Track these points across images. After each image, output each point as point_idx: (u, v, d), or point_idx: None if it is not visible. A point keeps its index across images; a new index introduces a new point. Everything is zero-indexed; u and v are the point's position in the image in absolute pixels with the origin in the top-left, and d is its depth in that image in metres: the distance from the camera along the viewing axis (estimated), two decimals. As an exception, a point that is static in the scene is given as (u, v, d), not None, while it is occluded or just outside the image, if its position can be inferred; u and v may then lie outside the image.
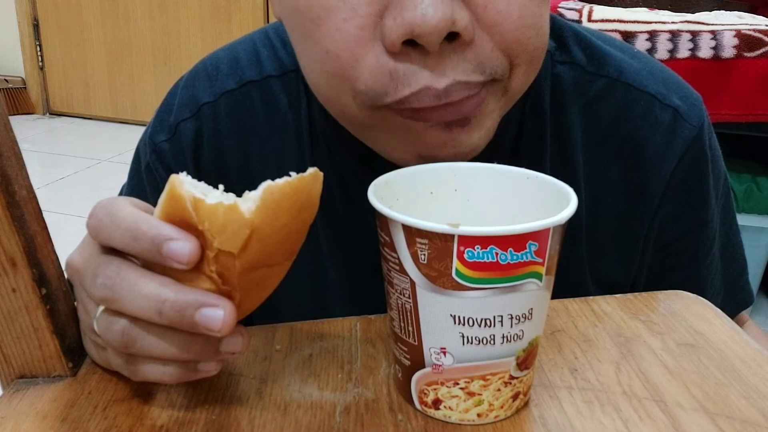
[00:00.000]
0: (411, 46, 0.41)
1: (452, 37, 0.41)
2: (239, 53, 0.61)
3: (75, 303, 0.43)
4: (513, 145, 0.56)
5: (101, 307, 0.38)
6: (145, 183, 0.61)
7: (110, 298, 0.36)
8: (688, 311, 0.49)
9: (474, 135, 0.46)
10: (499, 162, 0.44)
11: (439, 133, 0.45)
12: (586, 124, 0.57)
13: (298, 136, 0.58)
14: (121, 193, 0.65)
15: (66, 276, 0.43)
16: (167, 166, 0.59)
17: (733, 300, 0.65)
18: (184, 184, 0.34)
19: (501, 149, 0.56)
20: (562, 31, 0.58)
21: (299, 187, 0.35)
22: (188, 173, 0.65)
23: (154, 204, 0.37)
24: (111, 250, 0.37)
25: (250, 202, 0.34)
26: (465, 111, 0.44)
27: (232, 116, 0.58)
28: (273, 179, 0.35)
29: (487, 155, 0.55)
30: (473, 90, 0.43)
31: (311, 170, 0.35)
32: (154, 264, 0.36)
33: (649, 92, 0.57)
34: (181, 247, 0.34)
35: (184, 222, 0.34)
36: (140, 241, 0.35)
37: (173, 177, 0.35)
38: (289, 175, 0.35)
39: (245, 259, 0.34)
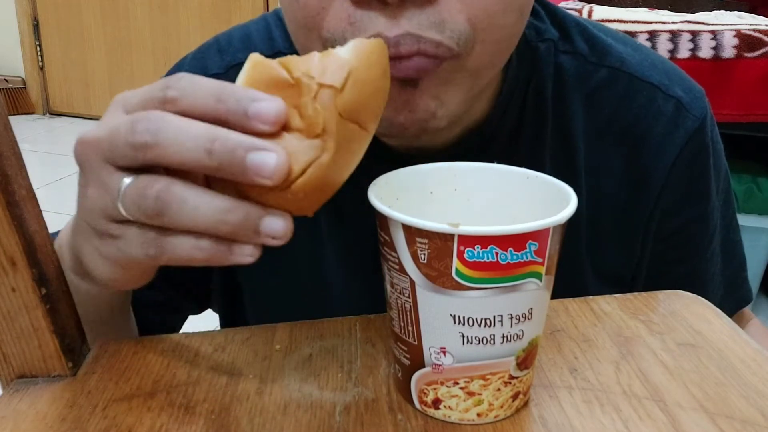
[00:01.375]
0: None
1: None
2: (251, 31, 0.61)
3: (81, 190, 0.39)
4: (512, 131, 0.56)
5: (129, 178, 0.35)
6: None
7: (153, 142, 0.33)
8: (688, 311, 0.49)
9: (427, 101, 0.45)
10: (499, 149, 0.44)
11: (393, 92, 0.44)
12: (588, 114, 0.57)
13: None
14: None
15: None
16: None
17: (733, 297, 0.65)
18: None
19: (500, 135, 0.56)
20: (565, 22, 0.59)
21: (382, 46, 0.37)
22: None
23: None
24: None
25: (343, 49, 0.35)
26: (412, 67, 0.43)
27: None
28: None
29: (486, 141, 0.54)
30: (426, 47, 0.42)
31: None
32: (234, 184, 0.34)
33: (651, 83, 0.57)
34: (268, 106, 0.33)
35: (272, 84, 0.34)
36: (225, 101, 0.33)
37: (252, 54, 0.36)
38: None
39: (344, 100, 0.34)
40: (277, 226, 0.34)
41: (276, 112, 0.33)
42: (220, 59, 0.60)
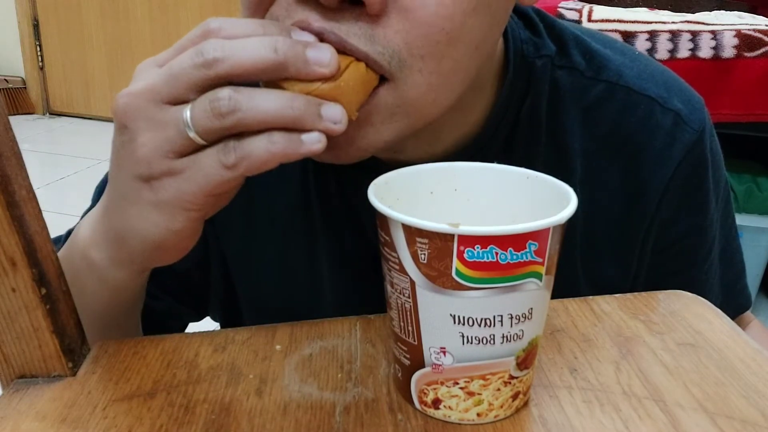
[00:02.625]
0: None
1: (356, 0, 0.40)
2: None
3: (127, 146, 0.40)
4: (503, 147, 0.56)
5: (188, 107, 0.38)
6: None
7: (222, 56, 0.37)
8: (688, 311, 0.49)
9: (356, 139, 0.44)
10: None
11: None
12: (585, 129, 0.57)
13: None
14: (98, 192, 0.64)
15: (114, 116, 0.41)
16: None
17: (732, 303, 0.65)
18: None
19: (490, 151, 0.55)
20: (563, 36, 0.58)
21: None
22: None
23: None
24: None
25: None
26: None
27: None
28: (274, 183, 0.36)
29: (475, 156, 0.54)
30: (352, 53, 0.41)
31: None
32: None
33: (649, 96, 0.57)
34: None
35: None
36: (266, 27, 0.39)
37: None
38: None
39: None
40: (334, 110, 0.38)
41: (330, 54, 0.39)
42: None
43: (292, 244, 0.60)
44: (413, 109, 0.45)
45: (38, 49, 3.63)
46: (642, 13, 1.52)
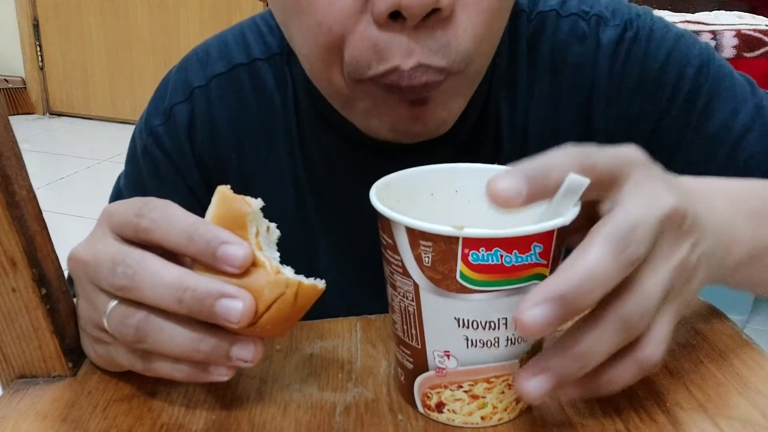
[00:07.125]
0: (394, 19, 0.42)
1: (432, 12, 0.42)
2: (228, 39, 0.62)
3: (74, 299, 0.43)
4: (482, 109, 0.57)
5: (113, 302, 0.37)
6: (142, 167, 0.61)
7: (130, 286, 0.36)
8: (688, 311, 0.49)
9: (437, 113, 0.48)
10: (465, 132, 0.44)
11: (407, 108, 0.47)
12: (531, 65, 0.58)
13: (285, 116, 0.60)
14: (118, 183, 0.65)
15: (66, 271, 0.42)
16: (164, 149, 0.60)
17: None
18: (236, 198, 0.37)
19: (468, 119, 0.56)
20: None
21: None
22: (184, 155, 0.66)
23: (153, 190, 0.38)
24: (133, 243, 0.37)
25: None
26: (420, 88, 0.45)
27: (222, 98, 0.60)
28: (264, 159, 0.35)
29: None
30: (432, 76, 0.44)
31: (321, 284, 0.37)
32: (207, 267, 0.36)
33: (573, 13, 0.58)
34: (236, 251, 0.35)
35: (238, 218, 0.36)
36: (196, 242, 0.35)
37: (219, 187, 0.37)
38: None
39: None
40: (246, 353, 0.37)
41: (243, 257, 0.35)
42: (201, 71, 0.61)
43: (289, 240, 0.60)
44: (475, 82, 0.50)
45: (38, 49, 3.63)
46: (642, 13, 1.52)
